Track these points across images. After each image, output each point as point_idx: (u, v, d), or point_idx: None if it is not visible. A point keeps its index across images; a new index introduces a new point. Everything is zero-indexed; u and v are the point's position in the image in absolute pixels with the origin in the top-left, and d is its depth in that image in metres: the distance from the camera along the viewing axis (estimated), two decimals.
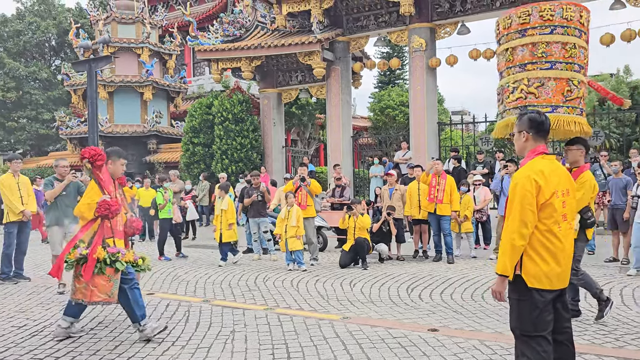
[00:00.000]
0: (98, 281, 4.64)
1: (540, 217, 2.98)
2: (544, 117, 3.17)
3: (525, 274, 2.98)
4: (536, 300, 2.95)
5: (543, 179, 2.97)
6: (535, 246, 2.98)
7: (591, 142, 14.42)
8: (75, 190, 7.26)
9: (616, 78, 39.60)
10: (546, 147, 3.22)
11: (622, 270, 8.01)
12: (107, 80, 21.91)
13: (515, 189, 3.00)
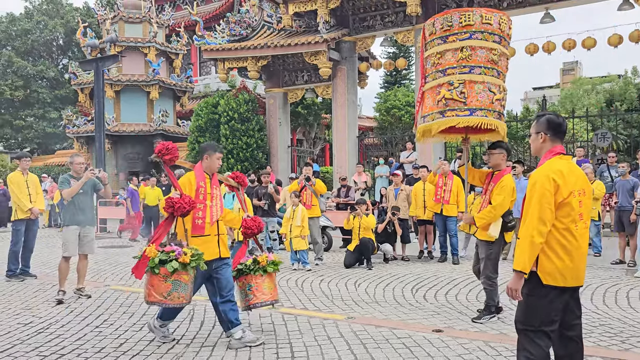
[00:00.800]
0: (153, 281, 4.37)
1: (558, 216, 3.03)
2: (561, 119, 3.23)
3: (541, 271, 3.01)
4: (548, 296, 3.01)
5: (562, 179, 3.02)
6: (552, 244, 3.02)
7: (598, 144, 14.36)
8: (91, 188, 6.94)
9: (624, 79, 39.40)
10: (563, 147, 3.25)
11: (628, 272, 7.97)
12: (113, 79, 22.00)
13: (535, 188, 3.04)
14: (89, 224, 6.92)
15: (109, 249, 12.01)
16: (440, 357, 4.36)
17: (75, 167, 6.90)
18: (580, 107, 33.64)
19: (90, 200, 6.98)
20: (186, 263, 4.33)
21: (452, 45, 5.02)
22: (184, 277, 4.37)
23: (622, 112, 29.03)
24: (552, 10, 13.78)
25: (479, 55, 4.99)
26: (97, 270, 9.01)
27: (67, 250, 6.75)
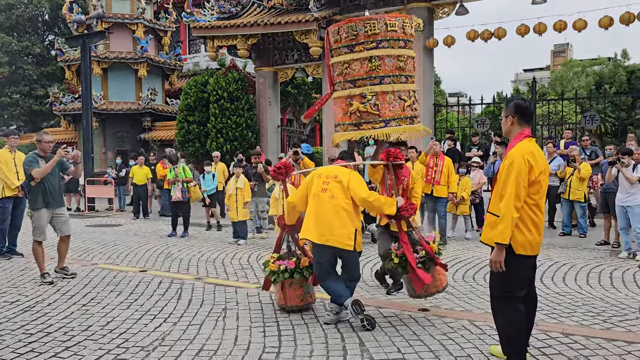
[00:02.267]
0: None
1: (530, 193, 3.36)
2: (527, 103, 3.58)
3: (515, 243, 3.37)
4: (525, 264, 3.42)
5: (534, 159, 3.35)
6: (524, 219, 3.37)
7: (587, 126, 14.42)
8: (59, 168, 6.68)
9: (614, 62, 39.51)
10: (531, 130, 3.60)
11: (612, 253, 8.08)
12: (101, 56, 21.66)
13: (512, 167, 3.34)
14: (59, 205, 6.66)
15: (97, 227, 11.96)
16: (425, 336, 4.41)
17: (44, 145, 6.54)
18: (570, 89, 33.76)
19: (59, 181, 6.70)
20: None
21: (360, 55, 4.93)
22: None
23: (611, 94, 29.20)
24: None
25: (387, 64, 4.92)
26: (84, 248, 8.98)
27: (40, 235, 6.49)
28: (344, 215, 4.61)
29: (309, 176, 4.95)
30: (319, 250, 4.72)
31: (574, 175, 9.61)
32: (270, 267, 5.12)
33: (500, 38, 14.28)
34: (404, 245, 4.82)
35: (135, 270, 7.18)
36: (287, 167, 5.30)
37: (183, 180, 10.37)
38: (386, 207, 4.67)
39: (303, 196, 4.89)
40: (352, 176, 4.77)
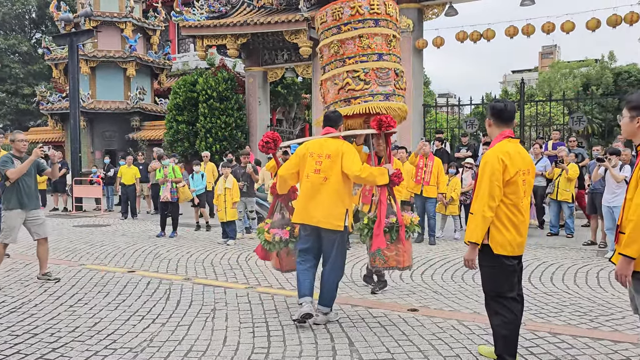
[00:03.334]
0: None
1: (506, 193, 3.40)
2: (503, 105, 3.58)
3: (492, 242, 3.41)
4: (505, 265, 3.43)
5: (509, 159, 3.38)
6: (502, 218, 3.41)
7: (574, 127, 14.56)
8: (35, 169, 6.48)
9: (600, 64, 39.91)
10: (512, 131, 3.62)
11: (599, 253, 8.16)
12: (89, 55, 21.49)
13: (485, 167, 3.39)
14: (34, 207, 6.44)
15: (85, 227, 11.86)
16: (414, 336, 4.42)
17: (18, 145, 6.36)
18: (558, 91, 34.04)
19: (35, 181, 6.51)
20: None
21: (349, 34, 5.04)
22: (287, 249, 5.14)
23: (598, 96, 29.49)
24: None
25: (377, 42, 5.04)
26: (72, 249, 8.89)
27: (8, 237, 6.27)
28: (335, 196, 4.58)
29: (301, 150, 4.81)
30: (307, 229, 4.70)
31: (562, 176, 9.69)
32: (265, 236, 5.07)
33: (489, 39, 14.38)
34: (381, 205, 4.79)
35: (123, 270, 7.12)
36: (275, 140, 5.16)
37: (172, 180, 10.32)
38: (379, 179, 4.60)
39: (294, 172, 4.81)
40: (345, 150, 4.65)
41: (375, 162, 5.33)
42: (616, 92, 33.48)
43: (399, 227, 4.85)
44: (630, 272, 2.94)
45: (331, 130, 4.84)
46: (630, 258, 2.91)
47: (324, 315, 4.74)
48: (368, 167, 4.64)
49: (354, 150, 4.77)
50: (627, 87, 34.31)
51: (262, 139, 5.15)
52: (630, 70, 35.99)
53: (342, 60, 5.11)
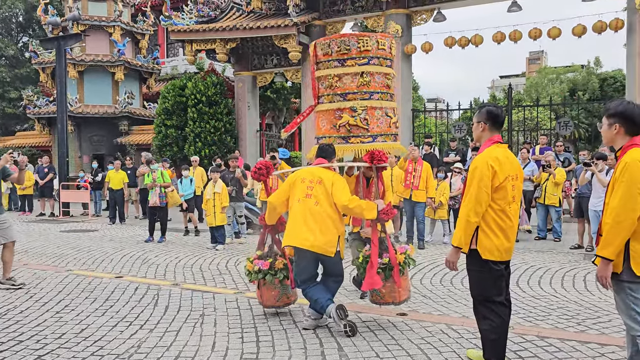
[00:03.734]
0: None
1: (495, 198, 3.41)
2: (499, 110, 3.62)
3: (480, 247, 3.42)
4: (493, 270, 3.43)
5: (498, 165, 3.39)
6: (490, 223, 3.42)
7: (561, 132, 14.70)
8: (1, 175, 6.41)
9: (587, 70, 40.39)
10: (501, 136, 3.65)
11: (586, 257, 8.23)
12: (77, 59, 21.34)
13: (475, 172, 3.40)
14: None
15: (72, 232, 11.75)
16: (404, 340, 4.43)
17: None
18: (545, 96, 34.39)
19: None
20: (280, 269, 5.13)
21: (352, 70, 4.98)
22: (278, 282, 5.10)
23: (584, 101, 29.82)
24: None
25: (376, 80, 5.01)
26: (58, 254, 8.80)
27: None
28: (329, 222, 4.60)
29: (291, 178, 4.87)
30: (301, 254, 4.69)
31: (549, 180, 9.78)
32: (247, 265, 5.12)
33: (477, 45, 14.49)
34: (373, 247, 4.80)
35: (111, 276, 7.06)
36: (267, 167, 5.24)
37: (161, 185, 10.27)
38: (367, 212, 4.63)
39: (284, 198, 4.84)
40: (336, 180, 4.72)
41: (364, 184, 5.39)
42: (602, 97, 33.88)
43: (392, 267, 4.82)
44: (609, 273, 3.01)
45: (323, 162, 4.88)
46: (608, 260, 2.98)
47: (314, 320, 4.73)
48: (357, 199, 4.68)
49: (344, 181, 4.82)
50: (613, 92, 34.76)
51: (255, 166, 5.24)
52: (616, 75, 36.45)
53: (343, 95, 5.02)
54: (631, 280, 3.00)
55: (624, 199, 2.93)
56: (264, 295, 5.07)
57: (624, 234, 2.94)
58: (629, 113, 3.07)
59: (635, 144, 3.06)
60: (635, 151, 3.01)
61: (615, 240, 2.95)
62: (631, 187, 2.92)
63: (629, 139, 3.08)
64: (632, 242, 2.99)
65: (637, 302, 3.01)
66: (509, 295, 3.63)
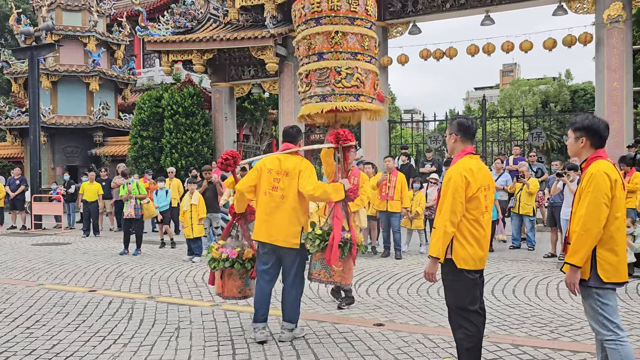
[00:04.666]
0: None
1: (469, 208, 3.46)
2: (470, 122, 3.68)
3: (455, 257, 3.45)
4: (467, 279, 3.47)
5: (472, 176, 3.45)
6: (464, 233, 3.46)
7: (534, 142, 14.99)
8: None
9: (558, 82, 41.37)
10: (473, 148, 3.70)
11: (559, 265, 8.38)
12: (50, 69, 21.02)
13: (449, 183, 3.44)
14: None
15: (44, 246, 11.50)
16: (380, 351, 4.43)
17: None
18: (518, 107, 35.05)
19: None
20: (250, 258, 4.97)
21: (326, 28, 4.96)
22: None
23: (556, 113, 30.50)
24: (492, 13, 14.26)
25: (349, 41, 4.99)
26: (29, 268, 8.60)
27: None
28: (293, 215, 4.60)
29: (258, 165, 4.79)
30: (264, 245, 4.67)
31: (523, 190, 9.95)
32: (213, 253, 4.95)
33: (451, 57, 14.75)
34: (335, 220, 4.75)
35: (84, 290, 6.93)
36: (234, 157, 5.08)
37: (136, 197, 10.14)
38: (334, 195, 4.61)
39: (251, 185, 4.75)
40: (303, 168, 4.67)
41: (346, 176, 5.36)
42: (573, 108, 34.71)
43: (352, 244, 4.81)
44: (577, 280, 3.12)
45: (290, 146, 4.85)
46: (576, 267, 3.09)
47: (289, 331, 4.71)
48: (321, 186, 4.63)
49: (311, 168, 4.77)
50: (584, 104, 35.63)
51: (221, 156, 5.08)
52: (586, 87, 37.42)
53: (353, 54, 5.02)
54: (598, 286, 3.10)
55: (591, 208, 3.05)
56: (226, 285, 4.90)
57: (591, 241, 3.05)
58: (594, 127, 3.22)
59: (599, 156, 3.20)
60: (599, 163, 3.16)
61: (583, 248, 3.05)
62: (597, 197, 3.05)
63: (594, 152, 3.24)
64: (599, 250, 3.09)
65: (605, 308, 3.11)
66: (484, 304, 3.68)
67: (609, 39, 12.60)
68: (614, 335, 3.09)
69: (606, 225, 3.07)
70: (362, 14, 5.05)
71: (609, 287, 3.10)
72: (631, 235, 7.39)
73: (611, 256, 3.09)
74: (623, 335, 3.11)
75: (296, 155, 4.82)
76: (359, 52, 5.08)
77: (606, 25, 12.57)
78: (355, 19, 5.01)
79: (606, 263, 3.08)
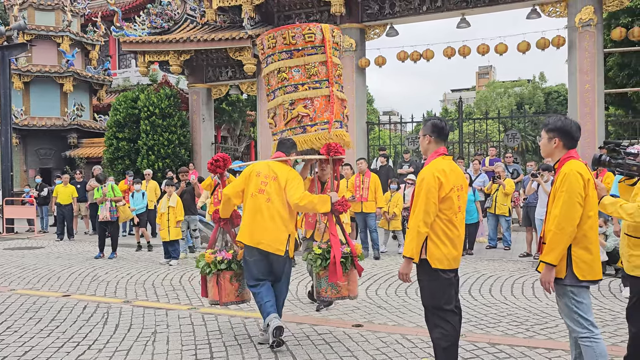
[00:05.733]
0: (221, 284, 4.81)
1: (442, 209, 3.48)
2: (443, 123, 3.71)
3: (430, 257, 3.46)
4: (442, 278, 3.48)
5: (444, 176, 3.47)
6: (438, 233, 3.48)
7: (509, 144, 15.21)
8: None
9: (532, 84, 42.10)
10: (446, 149, 3.72)
11: (534, 264, 8.51)
12: (22, 70, 20.61)
13: (422, 184, 3.47)
14: None
15: (16, 250, 11.24)
16: (359, 352, 4.44)
17: None
18: (494, 109, 35.54)
19: None
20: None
21: (299, 62, 5.03)
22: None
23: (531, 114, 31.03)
24: (468, 16, 14.43)
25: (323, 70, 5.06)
26: (1, 273, 8.40)
27: None
28: (279, 220, 4.55)
29: (248, 170, 4.76)
30: (250, 252, 4.61)
31: (499, 191, 10.08)
32: (206, 257, 4.84)
33: (428, 59, 14.87)
34: (332, 238, 4.74)
35: (58, 295, 6.79)
36: (225, 160, 5.05)
37: (111, 199, 9.99)
38: (320, 206, 4.57)
39: (239, 190, 4.72)
40: (291, 177, 4.65)
41: (319, 188, 5.38)
42: (547, 110, 35.35)
43: (352, 257, 4.80)
44: (552, 278, 3.17)
45: (281, 155, 4.82)
46: (551, 265, 3.13)
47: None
48: (308, 196, 4.60)
49: (299, 178, 4.75)
50: (557, 105, 36.33)
51: (213, 158, 5.04)
52: (560, 90, 38.18)
53: (295, 86, 5.04)
54: (574, 284, 3.15)
55: (565, 207, 3.11)
56: (223, 290, 4.78)
57: (566, 240, 3.10)
58: (567, 128, 3.28)
59: (572, 157, 3.27)
60: (572, 163, 3.22)
61: (558, 247, 3.10)
62: (571, 196, 3.11)
63: (566, 152, 3.30)
64: (574, 248, 3.15)
65: (579, 306, 3.16)
66: (459, 303, 3.70)
67: (580, 42, 12.86)
68: (588, 333, 3.15)
69: (580, 224, 3.12)
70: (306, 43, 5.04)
71: (584, 285, 3.16)
72: (603, 234, 7.54)
73: (586, 254, 3.15)
74: (597, 332, 3.17)
75: (286, 164, 4.80)
76: (303, 82, 5.09)
77: (578, 28, 12.82)
78: (294, 50, 5.05)
79: (581, 261, 3.14)
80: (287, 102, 5.08)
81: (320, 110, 5.02)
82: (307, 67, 5.04)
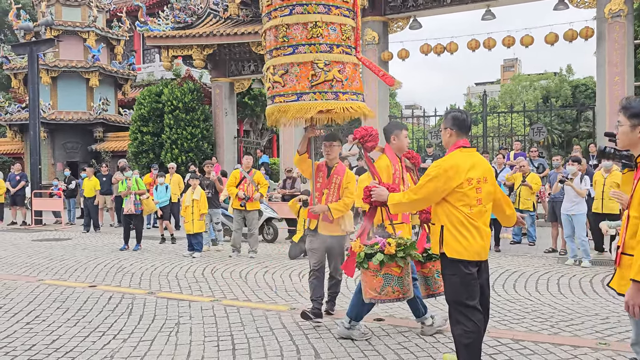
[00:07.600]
0: (366, 277, 4.10)
1: (453, 201, 3.42)
2: (465, 115, 3.61)
3: (447, 247, 3.42)
4: (463, 272, 3.40)
5: (454, 170, 3.39)
6: (456, 224, 3.42)
7: (534, 138, 14.96)
8: None
9: (559, 77, 41.27)
10: (467, 141, 3.60)
11: (560, 260, 8.37)
12: (50, 65, 20.97)
13: (431, 173, 3.44)
14: None
15: (44, 242, 11.50)
16: (380, 346, 4.43)
17: None
18: (519, 103, 34.95)
19: None
20: (392, 254, 3.94)
21: (274, 23, 4.56)
22: (394, 269, 3.96)
23: (557, 108, 30.44)
24: (493, 7, 14.20)
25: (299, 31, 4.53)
26: (29, 264, 8.60)
27: None
28: None
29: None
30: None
31: (524, 185, 9.91)
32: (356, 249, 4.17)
33: (452, 52, 14.69)
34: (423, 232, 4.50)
35: (84, 285, 6.92)
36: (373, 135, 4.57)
37: (135, 192, 10.13)
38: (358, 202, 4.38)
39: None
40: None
41: (325, 174, 5.19)
42: (574, 104, 34.63)
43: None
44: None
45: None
46: None
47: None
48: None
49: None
50: (585, 99, 35.52)
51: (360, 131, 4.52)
52: (587, 83, 37.30)
53: (269, 52, 4.65)
54: None
55: None
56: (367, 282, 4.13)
57: None
58: None
59: None
60: None
61: None
62: None
63: None
64: None
65: None
66: (487, 302, 3.59)
67: (610, 33, 12.54)
68: None
69: None
70: (340, 1, 4.60)
71: None
72: None
73: None
74: None
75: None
76: (338, 44, 4.63)
77: (607, 19, 12.51)
78: (331, 6, 4.53)
79: None
80: (322, 62, 4.54)
81: (350, 79, 4.70)
82: (344, 29, 4.65)
